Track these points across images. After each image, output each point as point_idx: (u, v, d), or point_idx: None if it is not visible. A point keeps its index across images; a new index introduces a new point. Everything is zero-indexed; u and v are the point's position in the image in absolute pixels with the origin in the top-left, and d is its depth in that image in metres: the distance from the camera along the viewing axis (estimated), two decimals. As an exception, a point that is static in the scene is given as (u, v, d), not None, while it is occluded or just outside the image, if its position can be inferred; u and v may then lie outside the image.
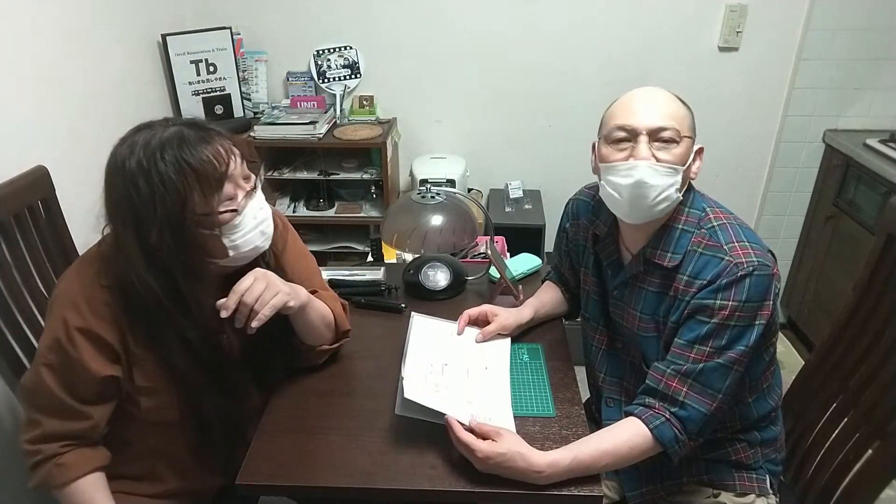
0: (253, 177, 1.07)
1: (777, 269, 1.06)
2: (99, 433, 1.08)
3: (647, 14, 2.42)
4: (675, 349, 1.07)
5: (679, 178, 1.06)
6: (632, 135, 1.06)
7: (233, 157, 1.01)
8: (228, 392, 1.12)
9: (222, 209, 0.99)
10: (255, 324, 1.03)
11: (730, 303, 1.02)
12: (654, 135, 1.05)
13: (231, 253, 1.03)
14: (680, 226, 1.10)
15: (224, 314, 1.01)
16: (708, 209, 1.11)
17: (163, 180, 0.93)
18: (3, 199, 1.30)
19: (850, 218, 2.35)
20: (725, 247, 1.05)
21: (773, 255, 1.09)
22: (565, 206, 1.36)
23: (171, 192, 0.93)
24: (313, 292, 1.21)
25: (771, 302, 1.04)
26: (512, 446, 1.01)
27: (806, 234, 2.69)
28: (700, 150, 1.11)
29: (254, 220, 1.04)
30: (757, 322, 1.03)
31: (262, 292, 1.03)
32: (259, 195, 1.07)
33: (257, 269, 1.07)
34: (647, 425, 1.05)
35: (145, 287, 0.98)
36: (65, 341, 0.99)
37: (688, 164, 1.07)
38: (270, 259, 1.18)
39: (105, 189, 0.98)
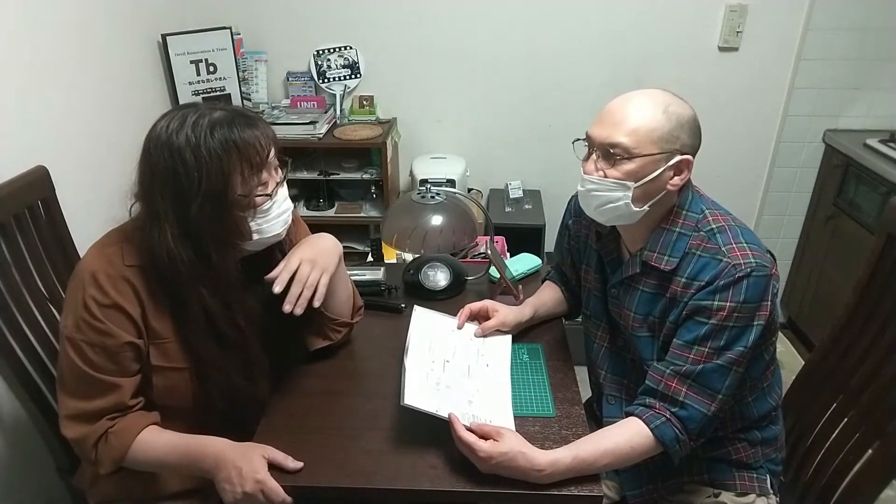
0: (281, 170, 1.13)
1: (776, 270, 1.06)
2: (134, 403, 1.09)
3: (648, 14, 2.42)
4: (673, 350, 1.07)
5: (628, 193, 1.06)
6: (589, 145, 1.10)
7: (272, 145, 1.08)
8: (245, 373, 1.16)
9: (258, 192, 1.06)
10: (316, 303, 1.13)
11: (728, 304, 1.02)
12: (604, 149, 1.07)
13: (255, 237, 1.09)
14: (677, 229, 1.10)
15: (277, 288, 1.09)
16: (706, 211, 1.11)
17: (210, 156, 0.99)
18: (3, 199, 1.30)
19: (850, 218, 2.35)
20: (723, 248, 1.05)
21: (772, 255, 1.09)
22: (568, 203, 1.36)
23: (216, 167, 0.99)
24: None
25: (769, 302, 1.04)
26: (514, 446, 1.01)
27: (806, 234, 2.69)
28: (682, 162, 1.06)
29: (279, 207, 1.11)
30: (755, 323, 1.03)
31: (310, 273, 1.13)
32: (285, 186, 1.13)
33: (299, 251, 1.15)
34: (647, 425, 1.05)
35: (174, 257, 1.02)
36: (90, 318, 1.02)
37: (645, 179, 1.05)
38: (287, 248, 1.23)
39: (144, 161, 1.03)
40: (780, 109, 2.55)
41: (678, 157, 1.05)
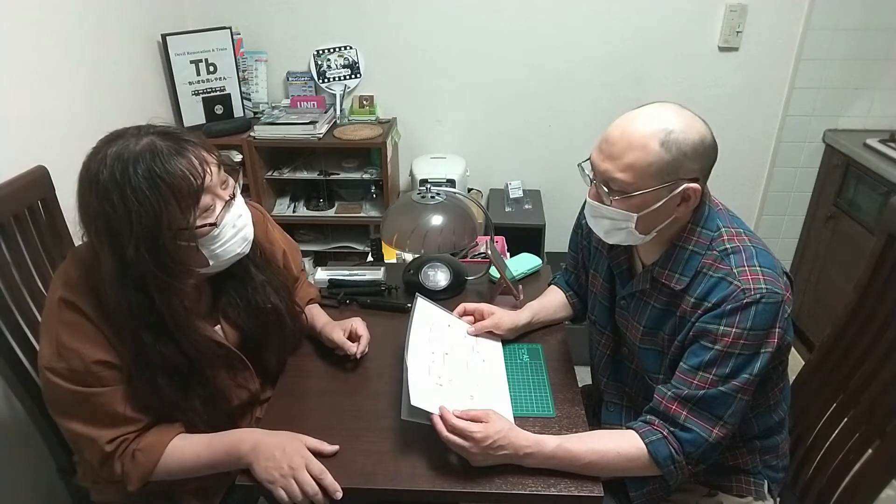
0: (231, 182, 1.06)
1: (790, 294, 1.02)
2: (145, 415, 1.06)
3: (648, 14, 2.43)
4: (679, 374, 1.05)
5: (630, 223, 1.04)
6: (593, 171, 1.07)
7: (208, 169, 0.98)
8: (213, 397, 1.13)
9: (199, 223, 0.98)
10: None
11: (733, 330, 0.99)
12: (604, 181, 1.04)
13: (211, 262, 1.04)
14: (690, 247, 1.07)
15: None
16: (723, 229, 1.06)
17: (137, 196, 0.91)
18: (3, 199, 1.30)
19: (850, 218, 2.35)
20: (735, 270, 1.01)
21: (789, 277, 1.05)
22: (584, 202, 1.34)
23: (146, 207, 0.92)
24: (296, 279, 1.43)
25: (778, 329, 1.00)
26: (503, 424, 1.04)
27: (806, 234, 2.69)
28: (688, 190, 1.01)
29: (233, 228, 1.04)
30: (762, 350, 1.00)
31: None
32: (238, 202, 1.06)
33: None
34: (643, 439, 1.05)
35: (119, 301, 0.98)
36: (65, 346, 0.99)
37: (647, 210, 1.02)
38: (257, 255, 1.20)
39: (78, 201, 0.97)
40: (780, 109, 2.55)
41: (683, 186, 1.00)
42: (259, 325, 1.20)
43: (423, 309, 1.33)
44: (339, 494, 1.01)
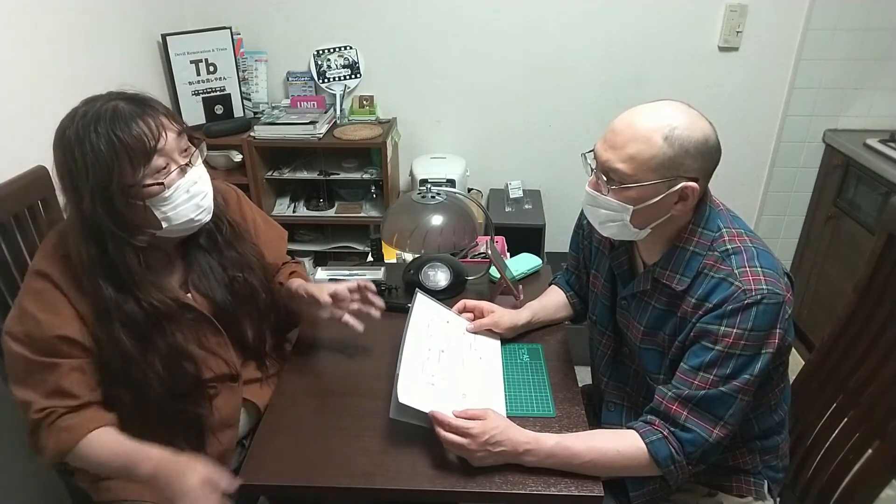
0: (193, 150, 1.10)
1: (790, 295, 1.02)
2: (83, 392, 1.08)
3: (648, 14, 2.43)
4: (679, 374, 1.05)
5: (625, 215, 1.04)
6: (596, 161, 1.07)
7: (164, 133, 1.04)
8: (175, 356, 1.13)
9: (148, 182, 1.03)
10: None
11: (734, 330, 0.99)
12: (604, 171, 1.04)
13: (164, 224, 1.07)
14: (691, 247, 1.07)
15: None
16: (724, 229, 1.06)
17: (94, 150, 0.99)
18: (3, 199, 1.30)
19: (850, 218, 2.35)
20: (736, 271, 1.01)
21: (790, 278, 1.05)
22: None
23: (101, 161, 0.99)
24: (283, 265, 1.42)
25: (778, 330, 1.00)
26: (500, 421, 1.05)
27: (806, 234, 2.69)
28: (686, 188, 1.00)
29: (186, 193, 1.08)
30: (763, 351, 1.00)
31: None
32: (197, 169, 1.10)
33: None
34: (643, 439, 1.05)
35: (78, 250, 1.05)
36: (27, 314, 1.05)
37: (644, 204, 1.02)
38: (226, 230, 1.23)
39: (53, 158, 1.05)
40: (780, 109, 2.55)
41: (681, 184, 1.00)
42: (231, 297, 1.22)
43: (423, 305, 1.33)
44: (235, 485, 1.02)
